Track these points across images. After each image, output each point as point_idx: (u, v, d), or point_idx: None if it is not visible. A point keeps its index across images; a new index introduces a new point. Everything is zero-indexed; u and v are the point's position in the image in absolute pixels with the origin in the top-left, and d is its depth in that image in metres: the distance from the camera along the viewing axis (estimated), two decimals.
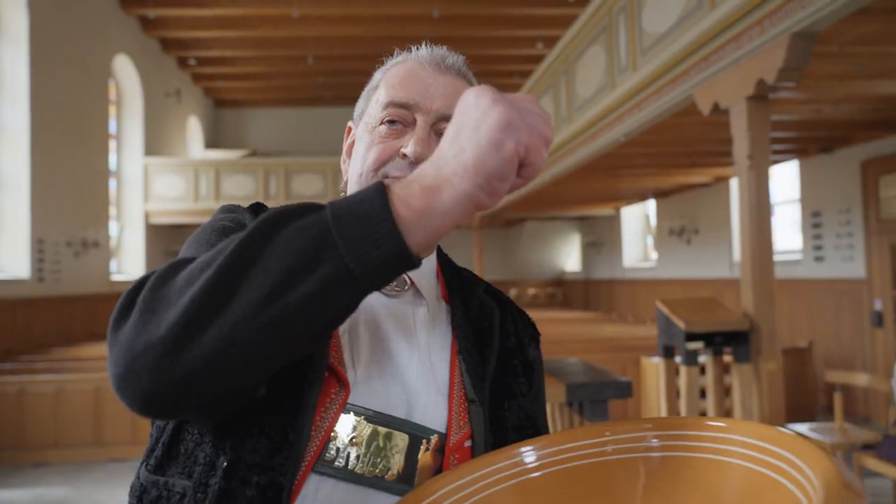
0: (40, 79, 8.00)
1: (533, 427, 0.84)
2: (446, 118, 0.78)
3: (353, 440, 0.70)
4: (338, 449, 0.69)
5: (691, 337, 3.82)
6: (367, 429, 0.71)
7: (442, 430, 0.75)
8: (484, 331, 0.85)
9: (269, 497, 0.64)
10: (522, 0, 10.37)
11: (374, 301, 0.80)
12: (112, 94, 10.78)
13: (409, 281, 0.83)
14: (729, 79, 3.80)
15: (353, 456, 0.70)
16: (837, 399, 3.83)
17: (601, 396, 2.67)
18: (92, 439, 5.32)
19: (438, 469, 0.74)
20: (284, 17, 10.58)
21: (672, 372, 4.29)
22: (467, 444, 0.76)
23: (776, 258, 3.94)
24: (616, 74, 5.41)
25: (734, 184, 8.90)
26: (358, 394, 0.72)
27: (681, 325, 3.82)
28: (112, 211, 10.51)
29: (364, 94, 0.89)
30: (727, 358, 4.78)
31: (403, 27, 11.17)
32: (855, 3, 2.90)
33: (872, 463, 3.39)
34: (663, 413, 4.27)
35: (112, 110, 10.76)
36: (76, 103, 9.03)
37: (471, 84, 0.87)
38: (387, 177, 0.78)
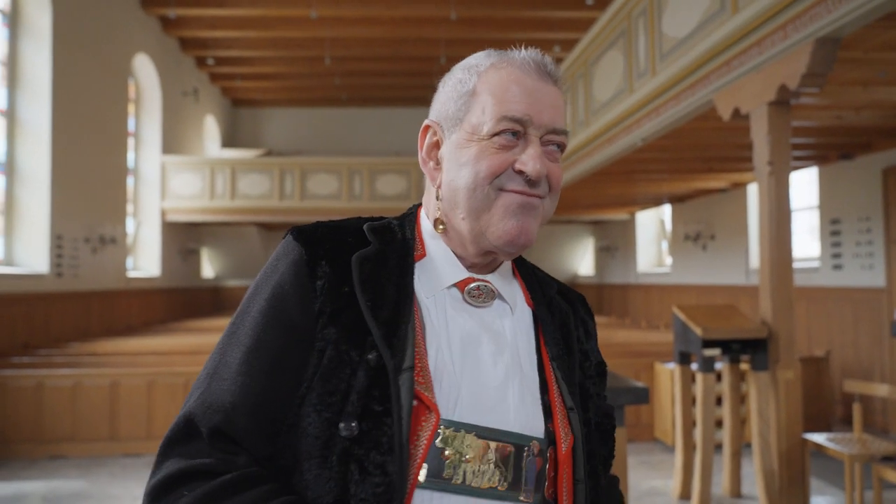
0: (62, 76, 8.11)
1: (611, 423, 0.91)
2: (555, 131, 0.82)
3: (467, 457, 0.74)
4: (454, 466, 0.74)
5: (708, 344, 3.79)
6: (477, 443, 0.75)
7: (540, 435, 0.80)
8: (566, 336, 0.89)
9: None
10: (540, 3, 10.35)
11: (463, 312, 0.82)
12: (131, 93, 10.90)
13: (495, 290, 0.85)
14: (750, 84, 3.77)
15: (469, 471, 0.74)
16: (857, 409, 3.78)
17: (617, 402, 2.64)
18: (107, 434, 5.38)
19: (542, 474, 0.79)
20: (302, 18, 10.64)
21: (688, 378, 4.26)
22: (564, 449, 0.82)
23: (794, 265, 3.89)
24: (634, 79, 5.38)
25: (752, 189, 8.82)
26: (462, 410, 0.76)
27: (698, 331, 3.78)
28: (129, 208, 10.62)
29: (450, 94, 0.87)
30: (744, 366, 4.74)
31: (420, 29, 11.20)
32: (881, 8, 2.86)
33: (892, 475, 3.34)
34: (678, 420, 4.24)
35: (131, 108, 10.88)
36: (96, 101, 9.14)
37: (561, 91, 0.89)
38: (501, 188, 0.81)
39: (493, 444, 0.75)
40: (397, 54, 12.45)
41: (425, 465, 0.73)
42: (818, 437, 3.78)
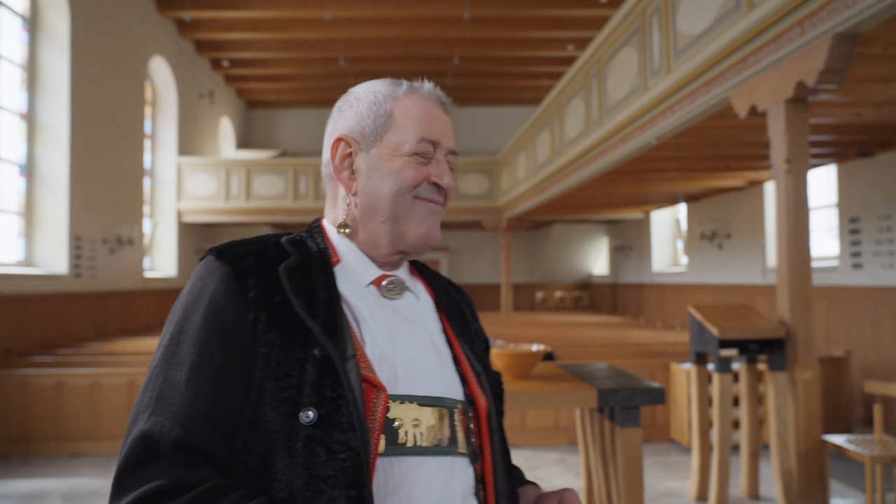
0: (80, 79, 8.22)
1: (500, 385, 1.07)
2: (453, 152, 1.00)
3: (415, 422, 0.87)
4: (406, 432, 0.85)
5: (725, 344, 3.75)
6: (419, 410, 0.88)
7: (461, 398, 0.94)
8: (462, 317, 1.07)
9: (352, 497, 0.78)
10: (553, 1, 10.31)
11: (383, 305, 0.95)
12: (148, 95, 11.01)
13: (404, 283, 0.99)
14: (767, 81, 3.72)
15: (417, 434, 0.86)
16: (878, 410, 3.72)
17: (633, 402, 2.62)
18: (125, 432, 5.43)
19: (468, 429, 0.93)
20: (316, 20, 10.69)
21: (704, 379, 4.22)
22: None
23: (812, 264, 3.84)
24: (649, 76, 5.34)
25: (769, 188, 8.72)
26: (401, 385, 0.88)
27: (714, 331, 3.75)
28: (146, 209, 10.74)
29: (365, 114, 0.97)
30: (761, 366, 4.68)
31: (434, 29, 11.20)
32: None
33: None
34: (694, 421, 4.20)
35: (147, 111, 11.00)
36: (114, 103, 9.25)
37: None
38: (417, 197, 0.96)
39: (430, 409, 0.88)
40: (411, 54, 12.46)
41: (383, 436, 0.83)
42: (838, 439, 3.73)
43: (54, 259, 7.87)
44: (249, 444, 0.80)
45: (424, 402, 0.88)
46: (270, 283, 0.87)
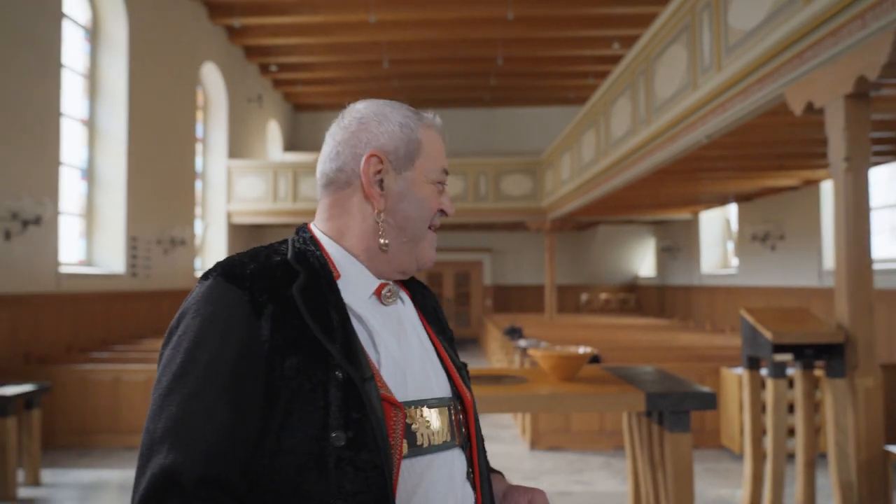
0: (137, 86, 8.54)
1: (467, 370, 1.11)
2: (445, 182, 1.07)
3: (427, 425, 0.93)
4: (421, 434, 0.92)
5: (779, 348, 3.63)
6: (429, 412, 0.94)
7: (450, 394, 1.00)
8: (437, 314, 1.11)
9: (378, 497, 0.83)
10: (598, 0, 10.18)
11: (384, 313, 0.98)
12: (199, 100, 11.36)
13: (397, 290, 1.02)
14: (825, 76, 3.59)
15: (429, 435, 0.93)
16: None
17: (683, 407, 2.57)
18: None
19: (460, 422, 0.99)
20: (361, 23, 10.83)
21: (757, 384, 4.09)
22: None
23: (874, 266, 3.68)
24: (699, 74, 5.21)
25: (825, 187, 8.39)
26: (410, 390, 0.93)
27: (768, 335, 3.63)
28: (197, 211, 11.07)
29: (398, 136, 0.99)
30: (818, 372, 4.51)
31: (478, 30, 11.20)
32: None
33: None
34: (747, 427, 4.07)
35: (199, 115, 11.35)
36: (168, 109, 9.57)
37: None
38: (430, 223, 1.03)
39: (436, 410, 0.95)
40: (454, 55, 12.50)
41: (405, 442, 0.89)
42: None
43: (112, 259, 8.20)
44: (276, 465, 0.81)
45: (432, 404, 0.95)
46: (284, 307, 0.86)
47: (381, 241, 0.97)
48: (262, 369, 0.82)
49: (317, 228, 1.02)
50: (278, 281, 0.89)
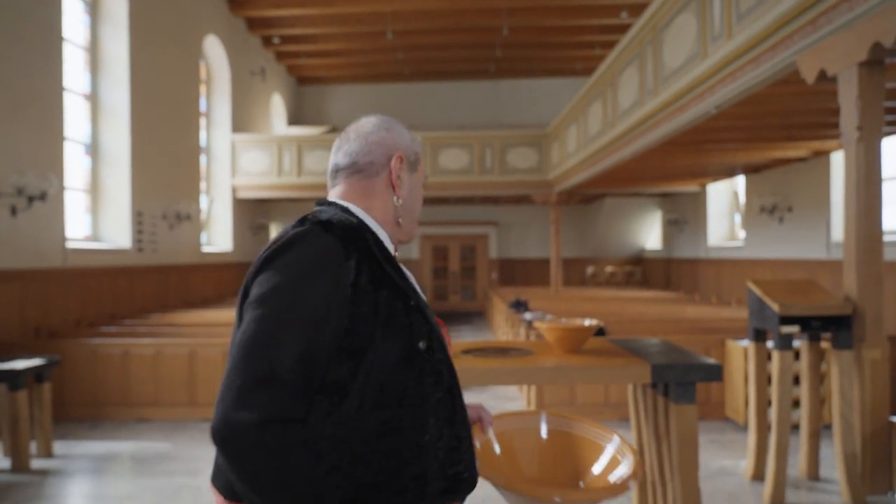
0: (139, 60, 8.46)
1: None
2: None
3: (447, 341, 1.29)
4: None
5: (786, 320, 3.61)
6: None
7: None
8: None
9: (448, 392, 1.18)
10: None
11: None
12: (202, 74, 11.26)
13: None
14: (839, 43, 3.50)
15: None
16: None
17: (688, 379, 2.57)
18: (187, 399, 5.69)
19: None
20: None
21: (763, 356, 4.09)
22: None
23: (883, 238, 3.64)
24: (708, 42, 5.10)
25: (836, 158, 8.29)
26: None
27: (775, 307, 3.61)
28: (202, 185, 11.05)
29: (410, 147, 1.32)
30: (824, 344, 4.50)
31: None
32: None
33: None
34: (752, 399, 4.08)
35: (202, 89, 11.25)
36: (171, 83, 9.49)
37: None
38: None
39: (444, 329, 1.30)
40: (459, 26, 12.30)
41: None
42: None
43: (118, 234, 8.22)
44: (381, 366, 1.07)
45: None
46: (365, 253, 1.13)
47: (399, 219, 1.29)
48: (346, 301, 1.06)
49: (344, 203, 1.25)
50: (358, 234, 1.15)
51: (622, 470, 1.33)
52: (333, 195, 1.27)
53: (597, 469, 1.39)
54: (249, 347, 0.99)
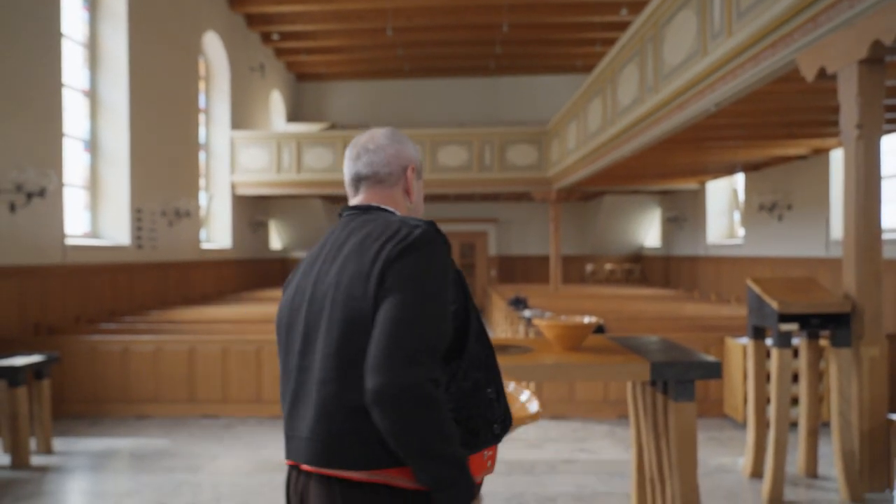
0: (138, 57, 8.44)
1: None
2: None
3: None
4: None
5: (785, 318, 3.62)
6: None
7: None
8: None
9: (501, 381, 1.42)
10: None
11: None
12: (201, 70, 11.23)
13: None
14: (839, 41, 3.50)
15: None
16: None
17: (687, 376, 2.57)
18: (186, 396, 5.69)
19: None
20: None
21: (762, 354, 4.09)
22: None
23: (883, 236, 3.64)
24: (708, 40, 5.10)
25: (835, 156, 8.29)
26: None
27: (774, 304, 3.62)
28: (201, 182, 11.04)
29: (417, 156, 1.51)
30: (823, 342, 4.51)
31: None
32: None
33: None
34: (751, 396, 4.09)
35: (201, 85, 11.23)
36: (170, 79, 9.48)
37: None
38: None
39: None
40: (459, 22, 12.28)
41: None
42: None
43: (117, 231, 8.21)
44: (468, 341, 1.32)
45: None
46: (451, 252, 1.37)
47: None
48: (455, 289, 1.31)
49: (375, 203, 1.45)
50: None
51: (534, 406, 1.79)
52: (357, 201, 1.45)
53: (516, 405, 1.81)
54: (410, 324, 1.18)
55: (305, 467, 1.26)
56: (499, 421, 1.36)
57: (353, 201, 1.45)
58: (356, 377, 1.20)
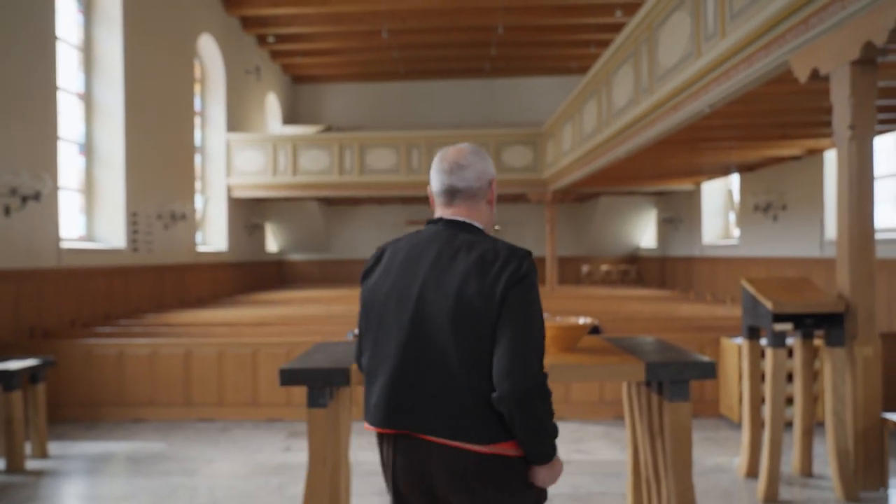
0: (133, 60, 8.43)
1: None
2: None
3: None
4: None
5: (779, 318, 3.64)
6: None
7: None
8: None
9: None
10: None
11: None
12: (197, 73, 11.23)
13: None
14: (831, 42, 3.53)
15: None
16: None
17: (683, 377, 2.58)
18: (182, 399, 5.68)
19: None
20: None
21: (756, 354, 4.11)
22: None
23: (876, 236, 3.67)
24: (702, 41, 5.13)
25: (829, 157, 8.33)
26: None
27: (768, 305, 3.64)
28: (197, 185, 11.03)
29: (494, 173, 1.75)
30: (817, 341, 4.53)
31: None
32: None
33: None
34: (746, 396, 4.11)
35: (197, 88, 11.22)
36: (165, 82, 9.47)
37: None
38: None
39: None
40: (454, 24, 12.30)
41: None
42: None
43: (113, 234, 8.19)
44: None
45: None
46: None
47: (496, 227, 1.75)
48: None
49: (468, 220, 1.67)
50: None
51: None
52: (452, 213, 1.68)
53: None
54: (534, 336, 1.53)
55: (422, 436, 1.56)
56: None
57: (446, 212, 1.68)
58: (479, 373, 1.52)
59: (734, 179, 11.51)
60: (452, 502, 1.58)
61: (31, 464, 4.54)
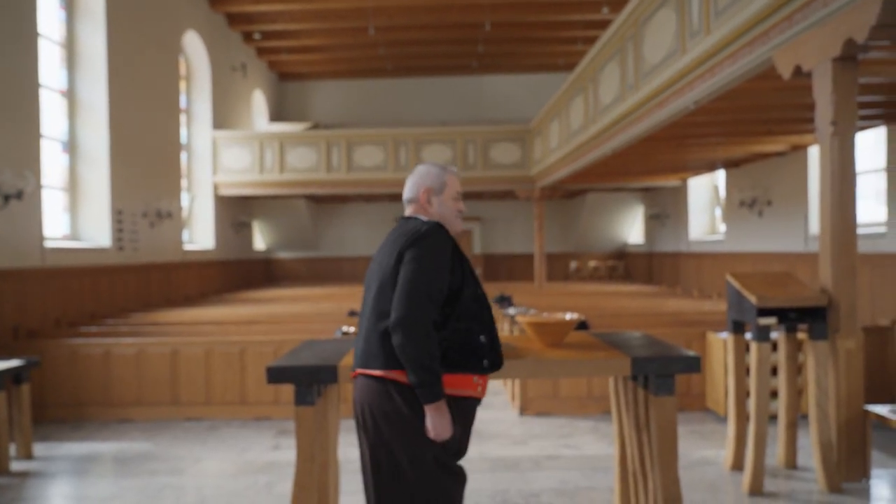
0: (116, 56, 8.34)
1: None
2: (463, 196, 2.47)
3: None
4: None
5: (764, 312, 3.68)
6: None
7: None
8: None
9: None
10: None
11: None
12: (182, 70, 11.13)
13: None
14: (813, 39, 3.56)
15: None
16: None
17: (668, 371, 2.60)
18: (170, 399, 5.64)
19: None
20: None
21: (741, 348, 4.15)
22: None
23: (858, 231, 3.72)
24: (687, 38, 5.16)
25: (813, 152, 8.42)
26: None
27: (753, 299, 3.67)
28: (183, 183, 10.94)
29: (434, 181, 2.23)
30: (801, 335, 4.59)
31: None
32: None
33: None
34: (731, 390, 4.15)
35: (182, 85, 11.13)
36: (150, 79, 9.38)
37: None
38: (458, 213, 2.26)
39: None
40: (441, 21, 12.28)
41: None
42: (881, 409, 3.65)
43: (98, 233, 8.11)
44: (465, 301, 2.06)
45: None
46: (454, 244, 2.10)
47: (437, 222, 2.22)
48: (454, 266, 2.05)
49: (415, 215, 2.21)
50: (446, 232, 2.14)
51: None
52: (408, 212, 2.24)
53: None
54: (415, 282, 1.94)
55: (355, 371, 2.11)
56: (489, 358, 2.08)
57: (406, 211, 2.25)
58: (383, 316, 2.00)
59: (720, 175, 11.60)
60: (369, 425, 2.01)
61: (16, 465, 4.50)
